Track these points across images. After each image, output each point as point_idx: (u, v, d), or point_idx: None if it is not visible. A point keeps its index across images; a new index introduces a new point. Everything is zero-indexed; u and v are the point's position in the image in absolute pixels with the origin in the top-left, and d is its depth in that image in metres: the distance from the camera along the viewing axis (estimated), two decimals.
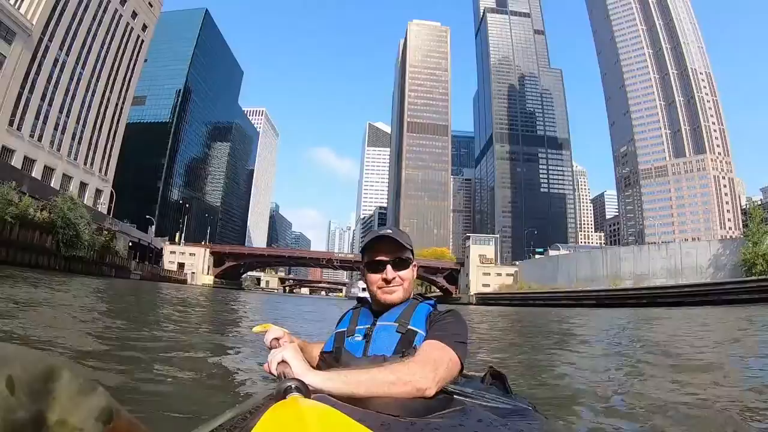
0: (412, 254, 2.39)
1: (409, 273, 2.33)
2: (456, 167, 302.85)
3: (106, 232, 71.28)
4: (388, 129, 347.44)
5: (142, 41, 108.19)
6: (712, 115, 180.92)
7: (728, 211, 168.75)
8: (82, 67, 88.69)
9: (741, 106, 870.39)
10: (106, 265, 68.86)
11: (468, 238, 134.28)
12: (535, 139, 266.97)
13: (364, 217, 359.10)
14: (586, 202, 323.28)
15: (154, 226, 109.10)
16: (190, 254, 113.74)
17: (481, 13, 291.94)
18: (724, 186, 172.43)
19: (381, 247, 2.32)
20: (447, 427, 1.33)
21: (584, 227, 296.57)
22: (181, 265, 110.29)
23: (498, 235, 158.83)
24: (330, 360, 2.19)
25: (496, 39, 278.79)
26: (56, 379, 0.90)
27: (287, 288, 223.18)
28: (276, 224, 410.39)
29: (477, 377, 2.45)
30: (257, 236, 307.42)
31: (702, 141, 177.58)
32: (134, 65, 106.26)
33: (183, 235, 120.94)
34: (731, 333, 14.20)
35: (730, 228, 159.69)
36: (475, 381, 2.35)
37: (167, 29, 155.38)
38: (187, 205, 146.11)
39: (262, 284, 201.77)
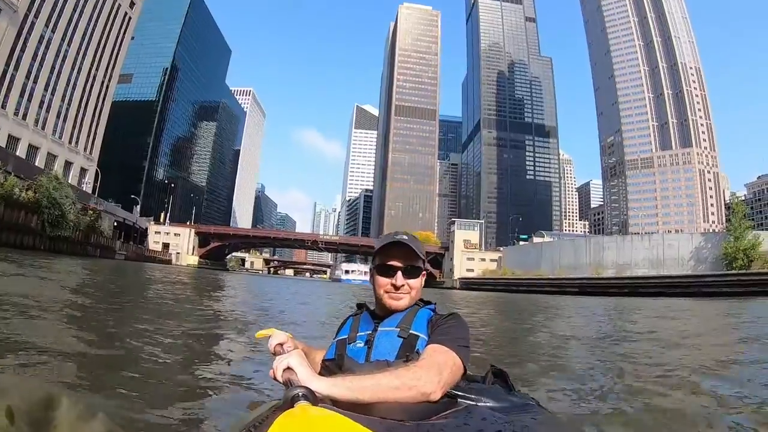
0: (423, 263, 2.40)
1: (418, 282, 2.34)
2: (443, 152, 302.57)
3: (91, 212, 70.88)
4: (375, 112, 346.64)
5: (130, 18, 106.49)
6: (699, 110, 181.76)
7: (712, 205, 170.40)
8: (68, 45, 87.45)
9: (731, 103, 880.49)
10: (91, 245, 68.65)
11: (453, 222, 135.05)
12: (523, 126, 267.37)
13: (350, 200, 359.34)
14: (572, 191, 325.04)
15: (139, 206, 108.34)
16: (175, 234, 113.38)
17: None
18: (709, 180, 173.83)
19: (395, 252, 2.31)
20: (452, 427, 1.34)
21: (569, 215, 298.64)
22: (165, 246, 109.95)
23: (483, 221, 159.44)
24: (332, 367, 2.19)
25: (487, 25, 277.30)
26: (56, 407, 0.90)
27: (272, 269, 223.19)
28: (261, 205, 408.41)
29: (478, 376, 2.42)
30: (242, 217, 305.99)
31: (689, 135, 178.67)
32: (121, 42, 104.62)
33: (168, 215, 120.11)
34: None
35: (713, 222, 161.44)
36: (476, 380, 2.33)
37: (155, 6, 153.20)
38: (173, 185, 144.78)
39: (247, 265, 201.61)
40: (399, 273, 2.28)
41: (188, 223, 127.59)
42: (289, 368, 1.58)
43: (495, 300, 36.64)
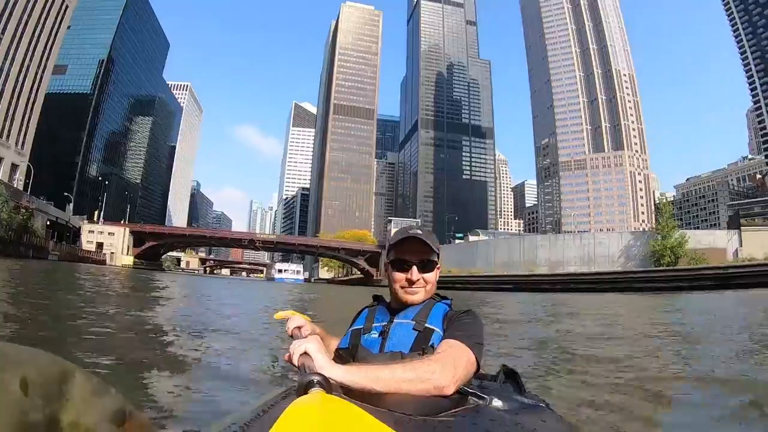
0: (438, 257, 2.39)
1: (433, 275, 2.33)
2: (380, 151, 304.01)
3: (24, 211, 68.77)
4: (314, 110, 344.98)
5: (67, 6, 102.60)
6: (632, 115, 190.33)
7: (642, 205, 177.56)
8: (2, 32, 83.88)
9: (664, 109, 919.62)
10: (23, 245, 66.12)
11: (390, 221, 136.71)
12: (460, 126, 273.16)
13: (287, 198, 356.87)
14: (507, 190, 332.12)
15: (72, 204, 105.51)
16: (109, 234, 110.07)
17: (415, 0, 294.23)
18: (640, 182, 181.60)
19: (409, 247, 2.31)
20: (460, 425, 1.36)
21: (504, 214, 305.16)
22: (99, 245, 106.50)
23: (419, 219, 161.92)
24: (346, 356, 2.19)
25: (428, 26, 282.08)
26: (69, 380, 0.92)
27: (208, 269, 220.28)
28: (197, 203, 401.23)
29: (489, 376, 2.46)
30: (178, 215, 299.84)
31: (621, 138, 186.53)
32: (57, 32, 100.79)
33: (102, 213, 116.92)
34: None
35: (643, 221, 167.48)
36: (487, 379, 2.37)
37: None
38: (106, 182, 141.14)
39: (183, 265, 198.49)
40: (414, 268, 2.27)
41: (122, 221, 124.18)
42: (305, 353, 1.58)
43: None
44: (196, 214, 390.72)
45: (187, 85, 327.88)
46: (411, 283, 2.28)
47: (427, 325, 2.14)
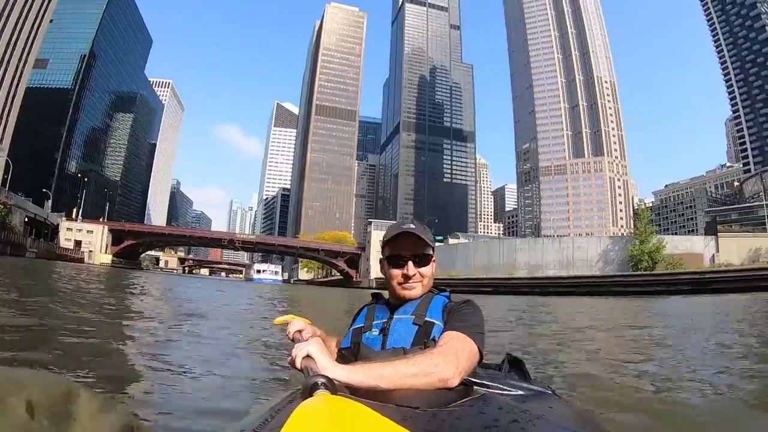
0: (433, 250, 2.39)
1: (429, 269, 2.33)
2: (361, 152, 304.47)
3: (2, 206, 67.86)
4: (296, 110, 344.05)
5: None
6: (612, 122, 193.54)
7: (621, 210, 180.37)
8: None
9: (643, 115, 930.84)
10: (1, 242, 65.63)
11: (370, 223, 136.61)
12: (442, 130, 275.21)
13: (267, 198, 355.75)
14: (487, 194, 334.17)
15: (50, 201, 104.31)
16: (88, 231, 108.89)
17: (400, 2, 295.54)
18: (619, 187, 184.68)
19: (403, 242, 2.30)
20: (468, 415, 1.35)
21: (484, 218, 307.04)
22: (77, 243, 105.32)
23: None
24: (348, 356, 2.18)
25: (412, 29, 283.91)
26: (75, 400, 0.92)
27: (187, 269, 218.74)
28: (177, 202, 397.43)
29: (494, 365, 2.48)
30: (157, 213, 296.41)
31: (601, 144, 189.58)
32: (39, 25, 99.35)
33: (80, 210, 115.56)
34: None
35: (622, 226, 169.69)
36: (492, 369, 2.39)
37: None
38: (86, 179, 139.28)
39: (161, 264, 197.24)
40: (410, 263, 2.27)
41: (101, 219, 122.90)
42: (308, 356, 1.57)
43: None
44: (176, 212, 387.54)
45: (169, 83, 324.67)
46: (407, 278, 2.27)
47: (427, 318, 2.13)
